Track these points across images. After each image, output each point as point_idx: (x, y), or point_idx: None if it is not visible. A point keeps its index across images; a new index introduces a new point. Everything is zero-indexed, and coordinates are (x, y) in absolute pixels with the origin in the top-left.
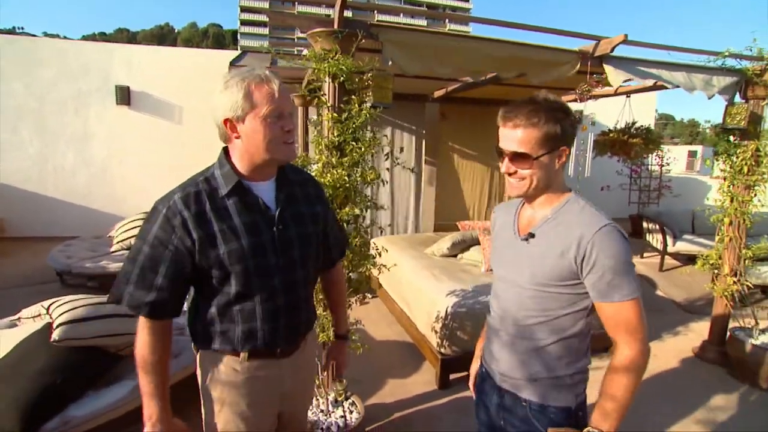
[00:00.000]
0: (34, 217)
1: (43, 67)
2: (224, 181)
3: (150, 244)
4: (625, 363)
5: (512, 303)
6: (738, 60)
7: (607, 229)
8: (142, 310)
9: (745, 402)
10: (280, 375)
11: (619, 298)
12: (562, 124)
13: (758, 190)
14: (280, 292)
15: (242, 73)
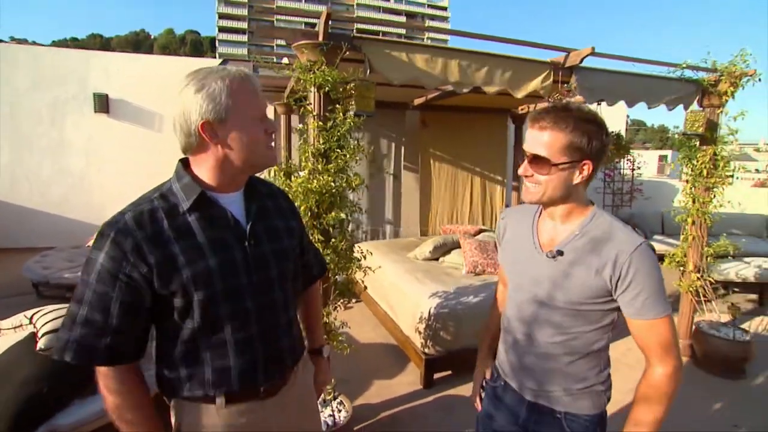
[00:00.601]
0: (6, 228)
1: (17, 73)
2: (184, 194)
3: (97, 277)
4: (665, 380)
5: (540, 321)
6: (694, 71)
7: (643, 248)
8: (96, 359)
9: (707, 390)
10: (264, 419)
11: (653, 315)
12: (590, 138)
13: (717, 192)
14: (253, 317)
15: (218, 71)
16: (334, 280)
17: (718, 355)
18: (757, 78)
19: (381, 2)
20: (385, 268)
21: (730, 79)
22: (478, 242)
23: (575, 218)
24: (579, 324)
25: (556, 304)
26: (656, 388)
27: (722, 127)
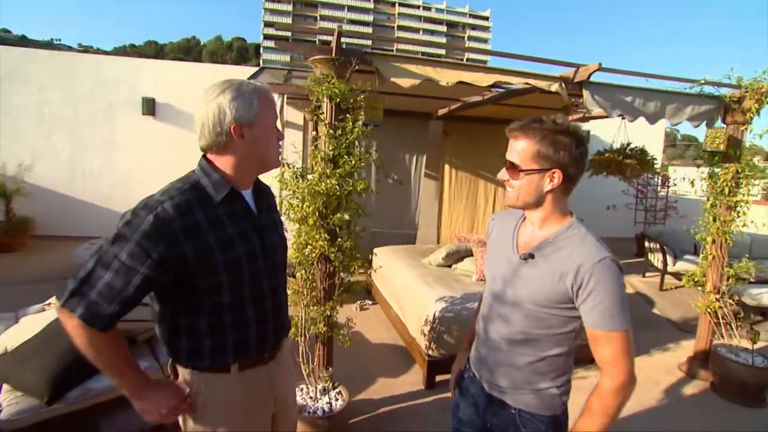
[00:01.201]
0: (62, 218)
1: (79, 79)
2: (215, 190)
3: (130, 251)
4: (612, 391)
5: (506, 319)
6: (716, 87)
7: (606, 262)
8: (96, 323)
9: (720, 416)
10: (270, 379)
11: (610, 327)
12: (558, 148)
13: (741, 211)
14: (268, 296)
15: (249, 83)
16: (339, 277)
17: (735, 380)
18: None
19: (422, 12)
20: (400, 272)
21: (755, 96)
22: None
23: (551, 226)
24: (540, 326)
25: (521, 303)
26: (601, 400)
27: (747, 145)
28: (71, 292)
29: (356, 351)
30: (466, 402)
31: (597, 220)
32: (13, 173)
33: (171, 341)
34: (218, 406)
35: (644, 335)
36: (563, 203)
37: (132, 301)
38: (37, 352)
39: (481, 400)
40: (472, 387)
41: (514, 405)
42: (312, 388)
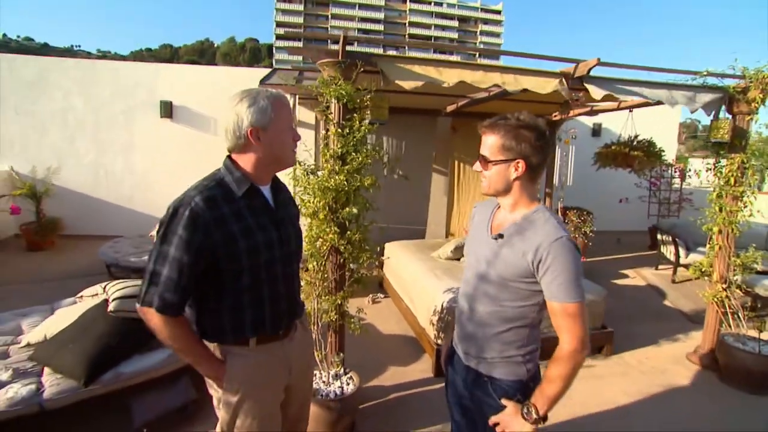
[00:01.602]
0: (87, 218)
1: (100, 85)
2: (237, 186)
3: (175, 246)
4: (565, 356)
5: (478, 292)
6: (720, 78)
7: (562, 241)
8: (172, 309)
9: (727, 404)
10: (285, 354)
11: (564, 299)
12: (520, 140)
13: (747, 201)
14: (281, 280)
15: (265, 92)
16: (349, 268)
17: (742, 369)
18: None
19: (434, 7)
20: (410, 265)
21: (760, 86)
22: None
23: (520, 210)
24: (508, 299)
25: (490, 278)
26: (557, 365)
27: (752, 135)
28: (144, 292)
29: (368, 341)
30: (455, 375)
31: (609, 214)
32: (42, 176)
33: (198, 320)
34: (240, 376)
35: (654, 326)
36: (530, 190)
37: (188, 288)
38: (74, 339)
39: (464, 371)
40: (457, 360)
41: (486, 373)
42: (325, 374)
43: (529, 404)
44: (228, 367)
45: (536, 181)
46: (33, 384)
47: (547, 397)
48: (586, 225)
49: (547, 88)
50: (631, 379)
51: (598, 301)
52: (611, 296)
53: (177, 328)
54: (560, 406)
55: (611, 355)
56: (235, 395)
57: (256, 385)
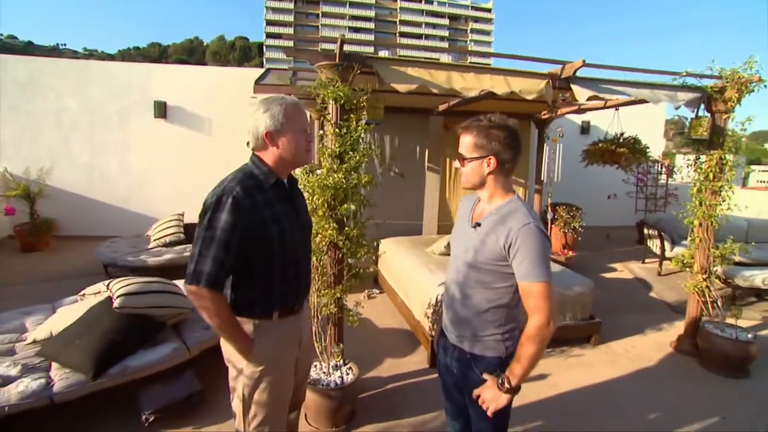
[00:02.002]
0: (82, 219)
1: (94, 86)
2: (265, 178)
3: (221, 229)
4: (531, 332)
5: (460, 275)
6: (698, 79)
7: (530, 226)
8: (216, 286)
9: (707, 388)
10: (298, 327)
11: (532, 279)
12: (491, 139)
13: (726, 195)
14: (301, 260)
15: (279, 99)
16: (347, 262)
17: (720, 353)
18: (762, 84)
19: (424, 5)
20: (404, 261)
21: (735, 86)
22: None
23: (496, 201)
24: (486, 281)
25: (471, 263)
26: (527, 336)
27: (729, 132)
28: (193, 273)
29: (365, 335)
30: (445, 355)
31: (598, 209)
32: (36, 177)
33: (233, 298)
34: (265, 346)
35: (640, 317)
36: (504, 183)
37: (230, 267)
38: (80, 335)
39: (451, 351)
40: (445, 341)
41: (470, 351)
42: (325, 364)
43: (503, 376)
44: (256, 342)
45: (509, 175)
46: (43, 378)
47: (518, 369)
48: (575, 220)
49: (533, 93)
50: (618, 366)
51: (586, 292)
52: (600, 289)
53: (221, 303)
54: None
55: (599, 344)
56: (258, 367)
57: (277, 357)
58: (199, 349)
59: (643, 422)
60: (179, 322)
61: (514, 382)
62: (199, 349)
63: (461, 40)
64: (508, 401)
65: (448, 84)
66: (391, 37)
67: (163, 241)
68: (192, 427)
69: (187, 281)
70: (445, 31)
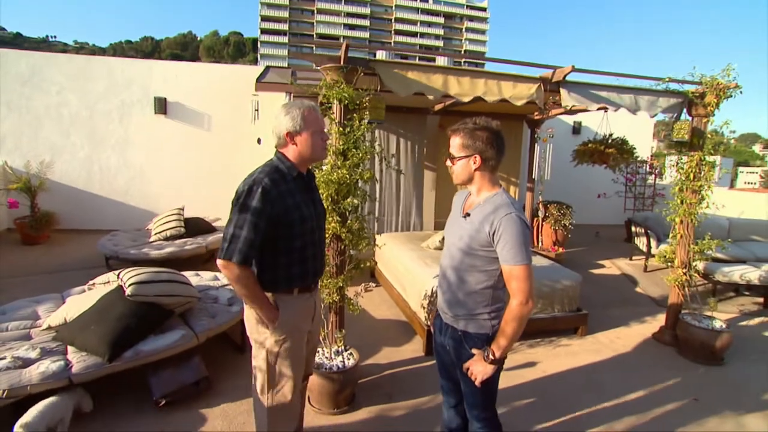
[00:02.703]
0: (82, 212)
1: (94, 81)
2: (289, 171)
3: (252, 213)
4: (513, 309)
5: (454, 260)
6: (680, 84)
7: (512, 215)
8: (245, 262)
9: (684, 374)
10: (313, 302)
11: (513, 262)
12: (476, 140)
13: (705, 194)
14: (318, 243)
15: (298, 104)
16: (348, 254)
17: (696, 342)
18: (739, 91)
19: (420, 3)
20: (401, 255)
21: (714, 92)
22: None
23: (484, 194)
24: (474, 265)
25: (461, 247)
26: (509, 313)
27: (708, 135)
28: (227, 249)
29: (363, 326)
30: (439, 333)
31: (589, 208)
32: (36, 170)
33: (259, 274)
34: (286, 318)
35: (626, 310)
36: (490, 178)
37: (258, 247)
38: (95, 321)
39: (445, 329)
40: (439, 321)
41: (459, 328)
42: (327, 350)
43: (488, 349)
44: (281, 312)
45: (494, 170)
46: (61, 360)
47: (502, 342)
48: (565, 218)
49: (523, 98)
50: (603, 355)
51: (574, 286)
52: (589, 284)
53: (250, 277)
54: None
55: (586, 335)
56: (281, 335)
57: (295, 326)
58: (206, 336)
59: (623, 402)
60: (186, 311)
61: (498, 354)
62: (206, 336)
63: (456, 38)
64: (494, 371)
65: (444, 89)
66: (386, 34)
67: (164, 234)
68: (202, 409)
69: (219, 256)
70: (441, 30)
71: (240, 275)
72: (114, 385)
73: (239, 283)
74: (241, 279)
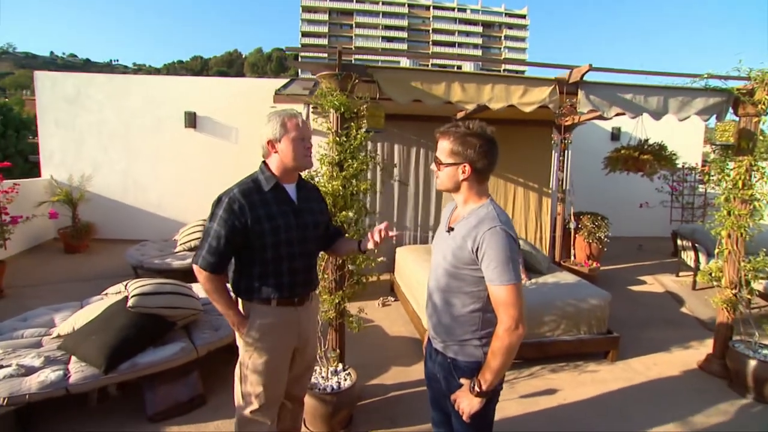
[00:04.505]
0: (118, 223)
1: (130, 98)
2: (266, 182)
3: (218, 222)
4: (499, 338)
5: (439, 282)
6: (723, 80)
7: (496, 229)
8: (211, 268)
9: (737, 413)
10: (297, 318)
11: (500, 281)
12: (467, 147)
13: (757, 204)
14: (297, 256)
15: (280, 112)
16: (347, 268)
17: (749, 375)
18: None
19: (457, 14)
20: (416, 269)
21: (766, 87)
22: None
23: (470, 205)
24: (460, 285)
25: (446, 267)
26: (496, 339)
27: (760, 137)
28: (195, 255)
29: (374, 342)
30: (429, 359)
31: (630, 219)
32: (77, 183)
33: (237, 282)
34: (260, 327)
35: (667, 333)
36: (478, 188)
37: (225, 254)
38: (96, 331)
39: (435, 356)
40: (430, 345)
41: (449, 355)
42: (324, 369)
43: (475, 380)
44: (250, 321)
45: (484, 181)
46: (61, 370)
47: (488, 373)
48: (600, 230)
49: (533, 104)
50: (636, 384)
51: (602, 305)
52: (625, 302)
53: (215, 282)
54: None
55: (617, 360)
56: (251, 346)
57: (269, 333)
58: (206, 349)
59: None
60: (190, 323)
61: (485, 387)
62: (206, 349)
63: (495, 47)
64: (481, 405)
65: (446, 96)
66: (424, 45)
67: (188, 245)
68: (194, 425)
69: (192, 261)
70: (479, 39)
71: (207, 280)
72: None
73: (204, 287)
74: (205, 283)
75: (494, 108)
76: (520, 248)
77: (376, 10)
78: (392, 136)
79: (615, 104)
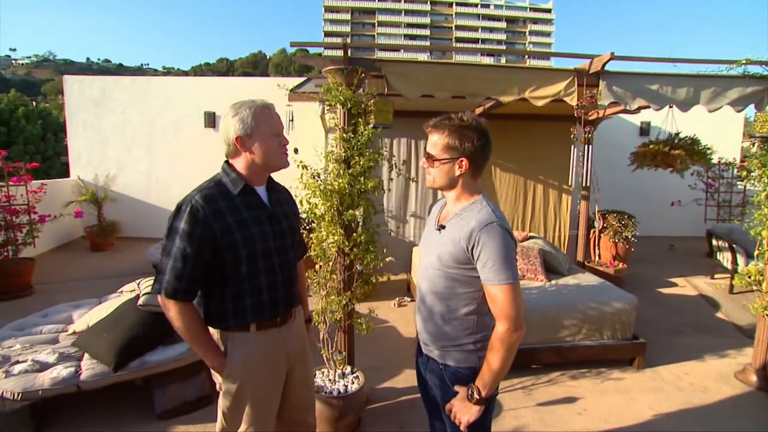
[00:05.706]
0: (141, 221)
1: (153, 99)
2: (233, 185)
3: (180, 237)
4: (497, 339)
5: (428, 283)
6: (764, 66)
7: (493, 226)
8: (178, 296)
9: None
10: (282, 340)
11: (497, 281)
12: (463, 140)
13: None
14: (277, 269)
15: (248, 102)
16: (355, 268)
17: None
18: None
19: (480, 10)
20: None
21: None
22: (522, 248)
23: (462, 203)
24: (452, 286)
25: (436, 267)
26: (494, 341)
27: None
28: (156, 281)
29: (388, 343)
30: (420, 364)
31: (660, 218)
32: (103, 183)
33: (206, 308)
34: (239, 364)
35: (700, 340)
36: (473, 185)
37: (194, 276)
38: (108, 329)
39: (425, 361)
40: (420, 350)
41: (441, 361)
42: (331, 372)
43: (472, 387)
44: (229, 356)
45: (478, 177)
46: (73, 367)
47: (486, 379)
48: (627, 229)
49: (547, 97)
50: (664, 395)
51: (628, 309)
52: (654, 306)
53: (187, 314)
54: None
55: (644, 368)
56: (234, 383)
57: (255, 370)
58: None
59: None
60: None
61: (484, 393)
62: None
63: (519, 42)
64: (480, 413)
65: (457, 89)
66: (447, 42)
67: None
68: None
69: (153, 290)
70: (503, 35)
71: (174, 312)
72: (122, 390)
73: (176, 324)
74: (177, 318)
75: (505, 101)
76: (541, 248)
77: (399, 8)
78: (400, 131)
79: (639, 95)
